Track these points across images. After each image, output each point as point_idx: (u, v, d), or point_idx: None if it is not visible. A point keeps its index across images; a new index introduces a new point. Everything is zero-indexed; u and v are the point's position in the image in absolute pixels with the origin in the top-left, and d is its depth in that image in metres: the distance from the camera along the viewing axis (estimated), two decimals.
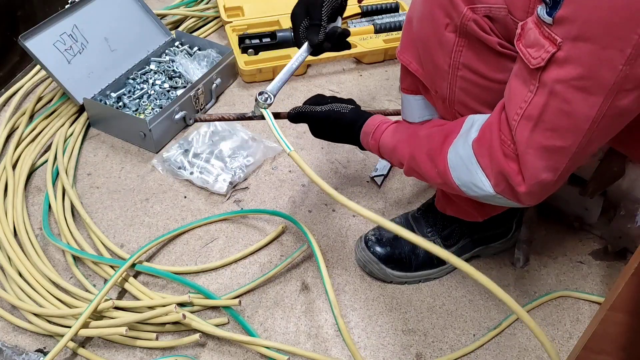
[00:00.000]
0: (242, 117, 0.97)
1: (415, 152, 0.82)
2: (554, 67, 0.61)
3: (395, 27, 1.53)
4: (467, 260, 1.05)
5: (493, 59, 0.73)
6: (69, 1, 1.32)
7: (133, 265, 1.01)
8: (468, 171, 0.73)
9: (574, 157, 0.66)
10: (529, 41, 0.64)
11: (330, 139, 0.97)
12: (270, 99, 0.92)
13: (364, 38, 1.50)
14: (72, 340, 0.92)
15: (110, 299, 0.93)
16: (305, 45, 0.94)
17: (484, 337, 0.95)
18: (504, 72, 0.75)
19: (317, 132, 0.97)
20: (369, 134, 0.90)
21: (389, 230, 0.76)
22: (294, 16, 0.95)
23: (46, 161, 1.22)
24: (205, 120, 0.99)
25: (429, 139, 0.80)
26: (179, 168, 1.21)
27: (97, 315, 0.94)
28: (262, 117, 0.92)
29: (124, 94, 1.33)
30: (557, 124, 0.64)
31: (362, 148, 0.94)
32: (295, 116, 0.97)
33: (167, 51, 1.45)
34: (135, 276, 1.02)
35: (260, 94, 0.92)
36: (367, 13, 1.59)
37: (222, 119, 0.98)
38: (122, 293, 1.00)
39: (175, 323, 0.94)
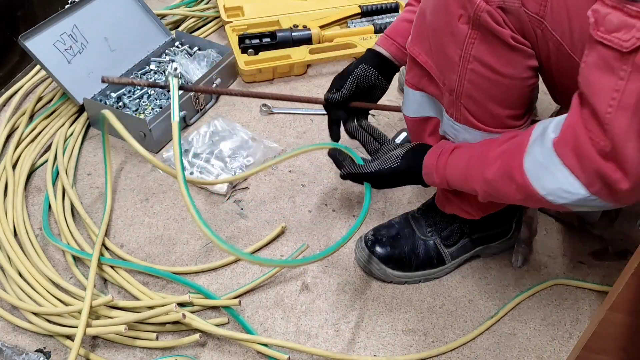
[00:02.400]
0: (152, 85, 0.98)
1: (488, 175, 0.76)
2: None
3: None
4: (467, 260, 1.05)
5: (505, 52, 0.73)
6: (69, 1, 1.32)
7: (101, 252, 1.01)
8: (552, 176, 0.68)
9: None
10: (611, 26, 0.59)
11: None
12: (178, 68, 0.96)
13: (364, 38, 1.50)
14: (71, 340, 0.93)
15: (103, 293, 0.93)
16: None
17: (480, 327, 0.95)
18: (514, 67, 0.74)
19: (377, 186, 0.93)
20: (431, 174, 0.85)
21: None
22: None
23: (46, 161, 1.22)
24: (114, 83, 1.00)
25: (501, 158, 0.75)
26: None
27: (97, 314, 0.94)
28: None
29: (124, 94, 1.33)
30: None
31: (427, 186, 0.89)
32: (349, 178, 0.93)
33: (167, 51, 1.45)
34: (135, 275, 1.03)
35: (173, 61, 0.95)
36: (367, 13, 1.59)
37: (132, 83, 1.00)
38: (122, 293, 1.00)
39: (176, 323, 0.94)
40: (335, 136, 1.02)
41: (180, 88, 0.92)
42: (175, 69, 0.94)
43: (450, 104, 0.82)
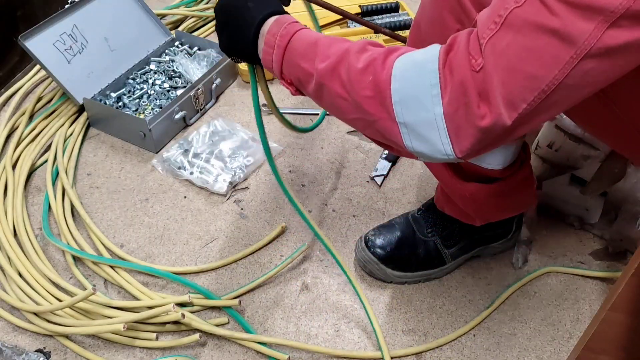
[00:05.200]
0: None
1: (348, 47, 0.65)
2: None
3: (396, 27, 1.53)
4: (467, 260, 1.05)
5: None
6: (69, 1, 1.32)
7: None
8: (418, 78, 0.60)
9: (539, 97, 0.55)
10: None
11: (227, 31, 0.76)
12: None
13: (364, 38, 1.50)
14: (71, 340, 0.93)
15: (103, 293, 0.94)
16: None
17: (477, 317, 0.95)
18: None
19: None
20: (281, 24, 0.71)
21: None
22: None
23: (46, 161, 1.22)
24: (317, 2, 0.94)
25: (371, 45, 0.66)
26: (179, 168, 1.20)
27: (97, 314, 0.94)
28: None
29: (124, 94, 1.33)
30: (540, 44, 0.54)
31: (253, 48, 0.73)
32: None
33: (167, 51, 1.45)
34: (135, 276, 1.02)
35: None
36: (367, 13, 1.59)
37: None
38: (122, 293, 1.00)
39: (176, 323, 0.94)
40: None
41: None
42: None
43: None
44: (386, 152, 1.24)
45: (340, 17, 1.56)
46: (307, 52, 0.68)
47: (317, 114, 1.35)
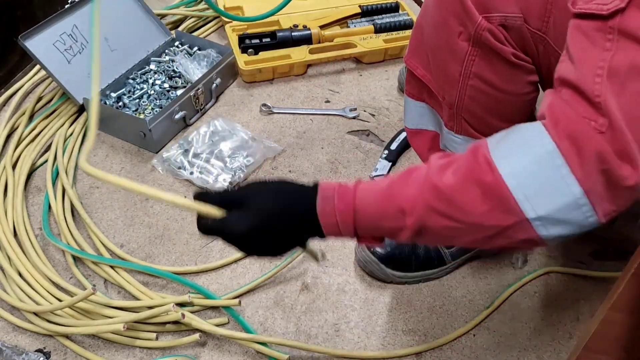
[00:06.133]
0: None
1: (436, 182, 0.57)
2: (635, 9, 0.49)
3: (395, 27, 1.53)
4: (467, 260, 1.05)
5: (505, 69, 0.72)
6: (69, 1, 1.32)
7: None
8: (538, 165, 0.53)
9: None
10: None
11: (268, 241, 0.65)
12: None
13: (364, 38, 1.50)
14: (71, 340, 0.93)
15: (93, 285, 0.94)
16: None
17: (477, 317, 0.95)
18: (515, 83, 0.74)
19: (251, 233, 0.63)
20: (330, 199, 0.62)
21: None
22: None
23: (46, 161, 1.22)
24: None
25: (441, 157, 0.60)
26: (179, 168, 1.20)
27: (97, 313, 0.94)
28: None
29: (124, 94, 1.33)
30: None
31: (320, 234, 0.64)
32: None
33: (167, 51, 1.45)
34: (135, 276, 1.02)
35: None
36: (367, 13, 1.59)
37: None
38: (122, 293, 1.00)
39: (176, 323, 0.94)
40: None
41: None
42: None
43: (449, 117, 0.82)
44: (386, 151, 1.24)
45: (340, 17, 1.57)
46: (385, 211, 0.60)
47: (316, 114, 1.35)
